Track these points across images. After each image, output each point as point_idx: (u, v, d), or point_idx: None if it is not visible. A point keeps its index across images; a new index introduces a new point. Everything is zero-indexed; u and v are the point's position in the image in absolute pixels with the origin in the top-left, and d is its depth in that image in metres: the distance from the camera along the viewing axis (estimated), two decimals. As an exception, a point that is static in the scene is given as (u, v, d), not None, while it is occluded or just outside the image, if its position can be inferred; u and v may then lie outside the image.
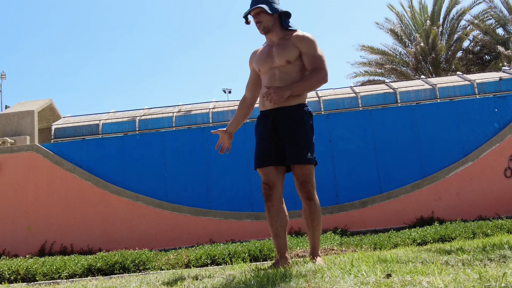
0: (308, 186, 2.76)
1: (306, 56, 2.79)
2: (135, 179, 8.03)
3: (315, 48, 2.81)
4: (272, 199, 2.77)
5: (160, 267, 4.63)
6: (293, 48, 2.80)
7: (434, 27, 16.85)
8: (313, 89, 2.82)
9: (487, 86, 9.03)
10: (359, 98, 9.19)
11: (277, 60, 2.80)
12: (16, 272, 4.75)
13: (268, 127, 2.80)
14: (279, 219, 2.77)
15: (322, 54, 2.82)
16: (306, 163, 2.75)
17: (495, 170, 7.64)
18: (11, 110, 9.61)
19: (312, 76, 2.73)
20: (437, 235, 5.09)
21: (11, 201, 8.02)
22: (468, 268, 1.92)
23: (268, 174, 2.77)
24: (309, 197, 2.77)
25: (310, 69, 2.77)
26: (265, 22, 2.82)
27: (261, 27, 2.84)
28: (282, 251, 2.78)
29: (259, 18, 2.82)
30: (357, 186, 7.74)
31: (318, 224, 2.84)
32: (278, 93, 2.65)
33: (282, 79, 2.79)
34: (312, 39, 2.84)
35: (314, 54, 2.79)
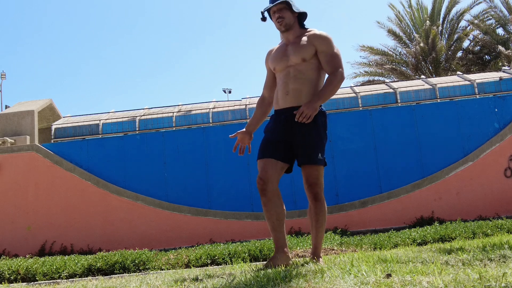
0: (316, 187, 2.77)
1: (323, 55, 2.79)
2: (135, 179, 8.03)
3: (332, 47, 2.81)
4: (266, 194, 2.76)
5: (160, 267, 4.63)
6: (310, 46, 2.80)
7: (434, 27, 16.85)
8: (337, 91, 2.83)
9: (487, 86, 9.03)
10: (359, 98, 9.19)
11: (293, 58, 2.80)
12: (16, 272, 4.75)
13: (281, 125, 2.81)
14: (275, 213, 2.76)
15: (338, 53, 2.83)
16: (316, 163, 2.76)
17: (495, 170, 7.64)
18: (11, 110, 9.62)
19: (333, 79, 2.74)
20: (437, 235, 5.10)
21: (11, 201, 8.02)
22: (468, 268, 1.92)
23: (265, 167, 2.77)
24: (316, 197, 2.78)
25: (328, 68, 2.78)
26: (288, 19, 2.82)
27: (283, 24, 2.83)
28: (279, 245, 2.75)
29: (282, 14, 2.82)
30: (357, 186, 7.74)
31: (322, 225, 2.83)
32: (310, 108, 2.64)
33: (297, 77, 2.79)
34: (329, 37, 2.84)
35: (332, 53, 2.80)
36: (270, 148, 2.80)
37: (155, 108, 10.07)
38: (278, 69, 2.88)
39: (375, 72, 18.47)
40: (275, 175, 2.76)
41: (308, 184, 2.76)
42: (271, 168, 2.76)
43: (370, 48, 18.16)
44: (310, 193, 2.77)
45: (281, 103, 2.83)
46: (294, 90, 2.79)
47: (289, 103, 2.79)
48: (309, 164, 2.75)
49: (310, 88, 2.79)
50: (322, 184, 2.80)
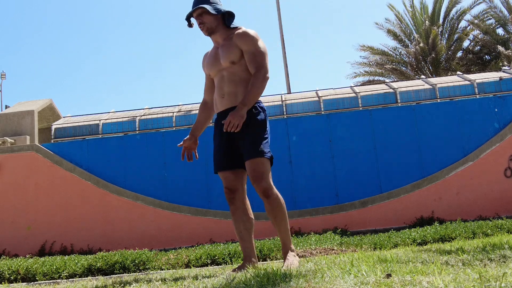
0: (262, 182, 2.62)
1: (246, 54, 2.72)
2: (135, 179, 8.03)
3: (254, 44, 2.72)
4: (235, 202, 2.78)
5: (160, 267, 4.63)
6: (235, 47, 2.73)
7: (434, 27, 16.85)
8: (262, 91, 2.69)
9: (487, 86, 9.03)
10: (359, 98, 9.18)
11: (223, 62, 2.76)
12: (16, 272, 4.75)
13: (219, 130, 2.79)
14: (243, 222, 2.79)
15: (262, 50, 2.72)
16: (253, 157, 2.63)
17: (495, 170, 7.64)
18: (11, 110, 9.61)
19: (255, 81, 2.65)
20: (437, 235, 5.10)
21: (11, 201, 8.02)
22: (468, 268, 1.92)
23: (227, 178, 2.76)
24: (265, 193, 2.65)
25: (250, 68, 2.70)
26: (209, 23, 2.77)
27: (205, 28, 2.79)
28: (247, 254, 2.77)
29: (202, 19, 2.77)
30: (357, 186, 7.74)
31: (282, 219, 2.74)
32: (236, 116, 2.55)
33: (231, 79, 2.75)
34: (251, 35, 2.74)
35: (253, 51, 2.70)
36: (222, 158, 2.78)
37: (155, 108, 10.07)
38: (213, 74, 2.86)
39: (375, 72, 18.49)
40: (239, 182, 2.76)
41: (253, 180, 2.63)
42: (233, 177, 2.76)
43: (370, 48, 18.18)
44: (258, 190, 2.65)
45: (219, 107, 2.82)
46: (229, 93, 2.75)
47: (225, 106, 2.77)
48: (250, 159, 2.64)
49: (244, 89, 2.72)
50: (268, 178, 2.65)
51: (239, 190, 2.76)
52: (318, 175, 7.85)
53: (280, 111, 9.17)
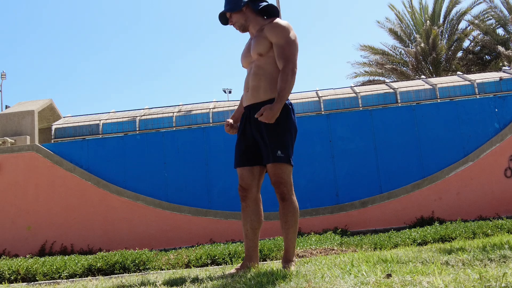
0: (281, 186, 2.61)
1: (275, 47, 2.64)
2: (135, 179, 8.03)
3: (284, 36, 2.63)
4: (247, 200, 2.74)
5: (160, 267, 4.63)
6: (264, 39, 2.67)
7: (434, 27, 16.85)
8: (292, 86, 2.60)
9: (487, 86, 9.03)
10: (359, 98, 9.18)
11: (252, 54, 2.73)
12: (16, 272, 4.75)
13: (242, 126, 2.76)
14: (250, 221, 2.73)
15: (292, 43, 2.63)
16: (275, 161, 2.60)
17: (495, 170, 7.64)
18: (11, 110, 9.62)
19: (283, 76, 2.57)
20: (437, 235, 5.09)
21: (11, 201, 8.02)
22: (468, 268, 1.91)
23: (242, 176, 2.74)
24: (283, 197, 2.63)
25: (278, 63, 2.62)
26: (238, 21, 2.75)
27: (237, 27, 2.78)
28: (248, 253, 2.74)
29: (231, 20, 2.77)
30: (357, 186, 7.73)
31: (291, 226, 2.66)
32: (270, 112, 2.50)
33: (256, 73, 2.70)
34: (282, 26, 2.65)
35: (282, 44, 2.62)
36: (242, 154, 2.75)
37: (155, 108, 10.08)
38: (245, 65, 2.84)
39: (375, 72, 18.49)
40: (254, 181, 2.72)
41: (273, 183, 2.63)
42: (248, 175, 2.72)
43: (370, 48, 18.18)
44: (277, 193, 2.63)
45: (244, 101, 2.79)
46: (253, 87, 2.71)
47: (249, 101, 2.73)
48: (272, 163, 2.61)
49: (267, 84, 2.67)
50: (288, 183, 2.63)
51: (252, 189, 2.71)
52: (318, 175, 7.85)
53: (280, 111, 9.16)
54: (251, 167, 2.71)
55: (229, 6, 2.74)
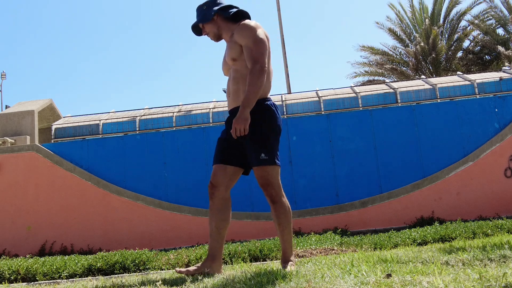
0: (269, 189, 2.59)
1: (243, 49, 2.60)
2: (135, 179, 8.03)
3: (250, 37, 2.58)
4: (214, 199, 2.77)
5: (160, 267, 4.63)
6: (235, 44, 2.64)
7: (434, 27, 16.86)
8: (260, 88, 2.53)
9: (487, 86, 9.03)
10: (359, 98, 9.18)
11: (227, 60, 2.73)
12: (16, 272, 4.75)
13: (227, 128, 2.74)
14: (216, 220, 2.75)
15: (258, 41, 2.56)
16: (260, 164, 2.57)
17: (495, 170, 7.64)
18: (12, 110, 9.61)
19: (250, 78, 2.51)
20: (437, 235, 5.09)
21: (11, 201, 8.02)
22: (468, 268, 1.92)
23: (215, 173, 2.75)
24: (272, 200, 2.61)
25: (248, 64, 2.56)
26: (211, 31, 2.76)
27: (211, 37, 2.79)
28: (211, 252, 2.75)
29: (204, 30, 2.79)
30: (357, 186, 7.74)
31: (286, 227, 2.64)
32: (239, 121, 2.46)
33: (234, 77, 2.69)
34: (247, 26, 2.61)
35: (249, 45, 2.57)
36: (220, 153, 2.74)
37: (155, 108, 10.07)
38: (225, 73, 2.84)
39: (375, 72, 18.49)
40: (225, 180, 2.71)
41: (260, 185, 2.61)
42: (221, 173, 2.72)
43: (370, 48, 18.18)
44: (266, 196, 2.62)
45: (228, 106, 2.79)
46: (233, 91, 2.70)
47: (231, 105, 2.73)
48: (257, 166, 2.59)
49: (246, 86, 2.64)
50: (275, 184, 2.59)
51: (220, 188, 2.71)
52: (318, 175, 7.85)
53: (280, 111, 9.16)
54: (225, 166, 2.71)
55: (200, 17, 2.75)
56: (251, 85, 2.50)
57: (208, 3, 2.76)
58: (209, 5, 2.75)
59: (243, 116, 2.48)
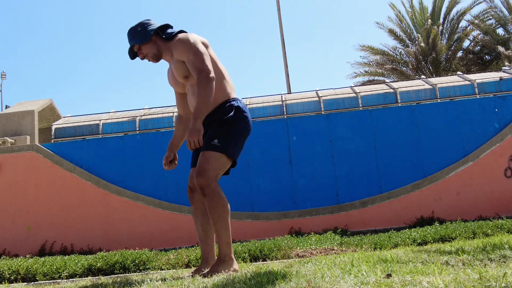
0: (199, 178, 2.48)
1: (186, 64, 2.57)
2: (135, 179, 8.03)
3: (188, 50, 2.55)
4: (195, 202, 2.71)
5: (161, 267, 4.63)
6: (178, 62, 2.62)
7: (434, 27, 16.86)
8: (210, 97, 2.48)
9: (487, 86, 9.03)
10: (359, 98, 9.18)
11: (179, 80, 2.70)
12: (16, 272, 4.75)
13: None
14: (201, 224, 2.70)
15: (196, 51, 2.53)
16: (207, 149, 2.52)
17: (495, 170, 7.64)
18: (12, 110, 9.61)
19: (199, 89, 2.47)
20: (437, 235, 5.09)
21: (11, 201, 8.02)
22: (469, 268, 1.92)
23: (191, 176, 2.74)
24: (202, 191, 2.50)
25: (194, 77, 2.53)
26: (149, 52, 2.69)
27: (150, 59, 2.72)
28: (205, 256, 2.70)
29: (141, 53, 2.70)
30: (357, 186, 7.74)
31: (217, 222, 2.54)
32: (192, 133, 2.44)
33: (194, 92, 2.63)
34: (182, 41, 2.58)
35: (189, 57, 2.54)
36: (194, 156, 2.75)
37: (155, 108, 10.07)
38: (180, 90, 2.81)
39: (375, 72, 18.49)
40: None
41: (195, 173, 2.51)
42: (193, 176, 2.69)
43: (370, 48, 18.18)
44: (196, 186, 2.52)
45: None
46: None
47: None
48: (202, 151, 2.54)
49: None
50: (209, 172, 2.48)
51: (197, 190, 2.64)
52: (318, 175, 7.84)
53: (280, 111, 9.17)
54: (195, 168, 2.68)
55: (138, 38, 2.66)
56: (200, 95, 2.46)
57: (141, 24, 2.68)
58: (143, 26, 2.67)
59: (195, 128, 2.45)
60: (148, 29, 2.67)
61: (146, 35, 2.65)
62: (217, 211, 2.53)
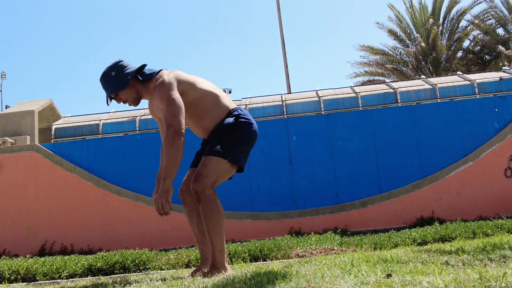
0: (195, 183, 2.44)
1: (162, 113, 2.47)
2: (135, 179, 8.03)
3: (163, 99, 2.43)
4: (188, 204, 2.70)
5: (161, 267, 4.63)
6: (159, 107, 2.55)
7: (434, 27, 16.85)
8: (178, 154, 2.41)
9: (487, 86, 9.03)
10: (359, 98, 9.18)
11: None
12: (16, 272, 4.75)
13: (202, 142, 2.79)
14: (197, 225, 2.67)
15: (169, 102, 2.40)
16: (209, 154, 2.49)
17: (495, 170, 7.64)
18: (12, 110, 9.61)
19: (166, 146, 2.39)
20: (437, 235, 5.09)
21: (11, 201, 8.02)
22: (469, 268, 1.92)
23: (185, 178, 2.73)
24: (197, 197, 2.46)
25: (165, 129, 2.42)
26: (129, 97, 2.57)
27: (129, 103, 2.60)
28: (204, 257, 2.68)
29: (120, 99, 2.57)
30: (357, 186, 7.73)
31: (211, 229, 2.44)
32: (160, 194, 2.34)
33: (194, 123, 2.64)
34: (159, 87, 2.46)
35: (163, 107, 2.44)
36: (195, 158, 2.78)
37: (155, 108, 10.06)
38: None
39: (375, 72, 18.50)
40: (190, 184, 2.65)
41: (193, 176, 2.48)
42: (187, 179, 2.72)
43: (370, 48, 18.18)
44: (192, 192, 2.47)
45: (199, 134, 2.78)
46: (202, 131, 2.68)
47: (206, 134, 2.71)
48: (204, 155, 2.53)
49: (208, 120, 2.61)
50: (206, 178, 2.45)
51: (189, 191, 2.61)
52: (318, 175, 7.84)
53: (280, 111, 9.17)
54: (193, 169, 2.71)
55: (116, 86, 2.51)
56: (168, 153, 2.39)
57: (115, 68, 2.53)
58: (117, 70, 2.52)
59: (164, 189, 2.35)
60: (124, 73, 2.51)
61: (123, 82, 2.51)
62: (211, 218, 2.45)
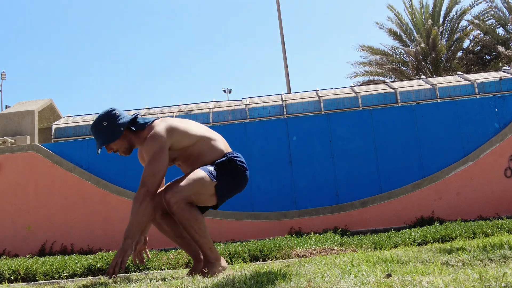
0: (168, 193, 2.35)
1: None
2: (135, 179, 8.00)
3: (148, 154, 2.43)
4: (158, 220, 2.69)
5: (161, 267, 4.63)
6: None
7: (434, 27, 16.86)
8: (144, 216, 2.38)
9: (487, 86, 9.03)
10: (359, 98, 9.18)
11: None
12: (16, 272, 4.75)
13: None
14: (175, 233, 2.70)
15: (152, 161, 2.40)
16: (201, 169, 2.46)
17: (495, 170, 7.64)
18: (12, 110, 9.61)
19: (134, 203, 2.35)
20: (437, 235, 5.09)
21: (11, 201, 8.02)
22: (468, 268, 1.92)
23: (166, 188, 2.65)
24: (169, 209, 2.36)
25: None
26: (121, 147, 2.57)
27: (120, 153, 2.60)
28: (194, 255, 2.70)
29: (112, 149, 2.57)
30: (357, 186, 7.74)
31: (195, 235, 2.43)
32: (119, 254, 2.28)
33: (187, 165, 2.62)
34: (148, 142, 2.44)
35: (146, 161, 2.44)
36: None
37: (155, 108, 10.07)
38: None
39: (375, 72, 18.50)
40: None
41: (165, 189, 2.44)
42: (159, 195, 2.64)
43: (370, 48, 18.19)
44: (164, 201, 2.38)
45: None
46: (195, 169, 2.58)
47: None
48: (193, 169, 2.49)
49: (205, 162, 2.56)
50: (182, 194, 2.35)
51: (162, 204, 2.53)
52: (318, 175, 7.85)
53: (280, 111, 9.17)
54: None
55: (108, 138, 2.49)
56: (134, 213, 2.34)
57: (107, 118, 2.50)
58: (109, 120, 2.49)
59: (123, 248, 2.31)
60: (116, 124, 2.49)
61: (115, 132, 2.48)
62: (192, 226, 2.42)
